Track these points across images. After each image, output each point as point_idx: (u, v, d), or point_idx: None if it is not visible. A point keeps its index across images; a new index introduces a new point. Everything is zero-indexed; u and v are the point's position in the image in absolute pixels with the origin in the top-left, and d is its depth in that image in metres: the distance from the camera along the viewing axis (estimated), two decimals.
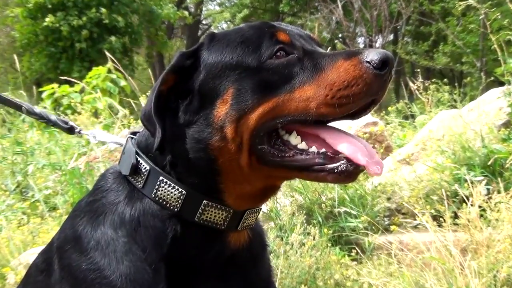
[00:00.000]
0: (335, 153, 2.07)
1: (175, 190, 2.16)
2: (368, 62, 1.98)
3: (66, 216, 6.22)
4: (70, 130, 3.12)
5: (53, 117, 3.16)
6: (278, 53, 2.12)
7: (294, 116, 2.05)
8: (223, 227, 2.21)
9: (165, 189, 2.17)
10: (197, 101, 2.17)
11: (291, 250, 4.87)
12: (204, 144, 2.12)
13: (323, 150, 2.08)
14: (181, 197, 2.16)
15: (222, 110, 2.10)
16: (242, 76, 2.11)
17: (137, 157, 2.27)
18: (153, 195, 2.18)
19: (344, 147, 2.06)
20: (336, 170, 2.04)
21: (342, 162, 2.04)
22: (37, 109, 3.24)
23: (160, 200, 2.17)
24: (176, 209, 2.16)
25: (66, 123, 3.14)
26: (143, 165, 2.24)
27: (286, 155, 2.11)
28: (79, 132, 3.11)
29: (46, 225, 6.13)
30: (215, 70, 2.16)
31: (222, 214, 2.19)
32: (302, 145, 2.11)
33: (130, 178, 2.27)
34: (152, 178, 2.21)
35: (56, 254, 2.30)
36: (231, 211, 2.20)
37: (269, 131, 2.11)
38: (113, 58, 10.38)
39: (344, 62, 2.03)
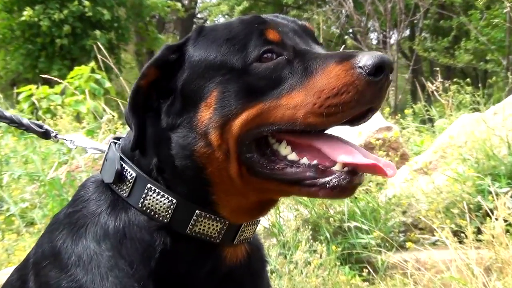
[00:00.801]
0: (328, 166, 2.06)
1: (164, 199, 2.17)
2: (360, 67, 1.96)
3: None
4: (45, 135, 3.10)
5: (25, 120, 3.14)
6: (266, 55, 2.10)
7: (280, 125, 2.05)
8: (217, 241, 2.21)
9: (154, 197, 2.18)
10: (179, 103, 2.18)
11: (295, 269, 4.88)
12: (190, 151, 2.13)
13: (315, 162, 2.07)
14: (171, 206, 2.16)
15: (206, 114, 2.11)
16: (226, 78, 2.11)
17: (122, 163, 2.27)
18: (140, 205, 2.18)
19: (343, 155, 2.05)
20: (327, 185, 2.03)
21: (334, 176, 2.03)
22: (7, 112, 3.22)
23: (148, 210, 2.17)
24: (165, 220, 2.16)
25: (41, 126, 3.12)
26: (129, 172, 2.24)
27: (276, 167, 2.11)
28: (55, 136, 3.09)
29: (23, 242, 6.13)
30: (198, 69, 2.17)
31: (217, 226, 2.19)
32: (292, 156, 2.11)
33: (114, 186, 2.27)
34: (139, 185, 2.21)
35: (32, 270, 2.29)
36: (227, 222, 2.20)
37: (256, 139, 2.11)
38: (104, 53, 10.41)
39: (336, 67, 2.01)
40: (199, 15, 50.39)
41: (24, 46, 30.00)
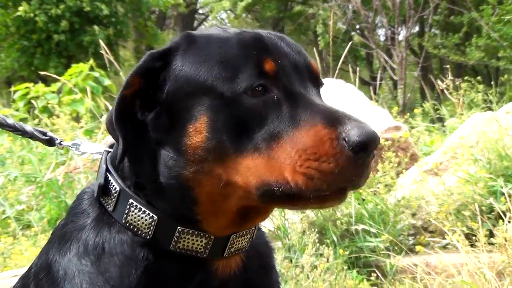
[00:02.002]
0: None
1: (145, 215, 2.16)
2: (345, 140, 1.91)
3: (42, 235, 6.25)
4: (50, 142, 3.08)
5: (28, 127, 3.12)
6: (257, 88, 2.04)
7: (274, 185, 1.99)
8: (204, 255, 2.19)
9: (136, 213, 2.17)
10: (165, 118, 2.14)
11: (301, 273, 4.89)
12: (177, 173, 2.11)
13: None
14: (153, 223, 2.15)
15: (197, 141, 2.05)
16: (215, 103, 2.05)
17: (108, 174, 2.27)
18: (124, 220, 2.18)
19: None
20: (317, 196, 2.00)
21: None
22: (10, 119, 3.22)
23: (131, 226, 2.17)
24: (148, 237, 2.16)
25: (45, 134, 3.10)
26: (113, 185, 2.24)
27: None
28: (60, 143, 3.06)
29: (19, 245, 6.15)
30: (187, 87, 2.12)
31: (202, 241, 2.17)
32: None
33: (101, 199, 2.28)
34: (122, 200, 2.21)
35: (33, 281, 2.34)
36: (212, 237, 2.18)
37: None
38: (105, 49, 10.42)
39: (322, 130, 1.96)
40: (200, 11, 50.37)
41: (19, 43, 29.88)
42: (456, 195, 6.25)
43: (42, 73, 12.94)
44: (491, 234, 5.21)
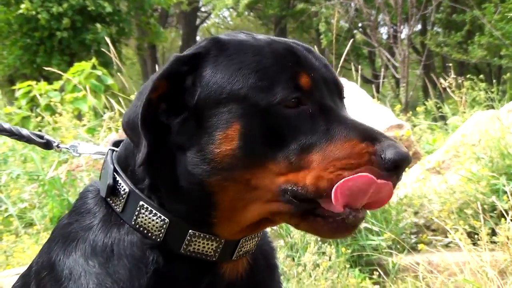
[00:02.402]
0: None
1: (157, 218, 2.14)
2: (381, 157, 1.95)
3: (44, 233, 6.25)
4: (47, 145, 3.06)
5: (25, 131, 3.08)
6: (293, 100, 2.05)
7: (301, 189, 2.01)
8: (214, 259, 2.19)
9: (146, 216, 2.15)
10: (193, 123, 2.12)
11: (303, 272, 4.89)
12: (199, 179, 2.09)
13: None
14: (164, 226, 2.14)
15: (227, 149, 2.05)
16: (248, 112, 2.05)
17: (116, 175, 2.25)
18: (133, 222, 2.17)
19: None
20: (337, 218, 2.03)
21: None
22: (6, 124, 3.15)
23: (141, 228, 2.16)
24: (158, 239, 2.14)
25: (41, 137, 3.07)
26: (122, 186, 2.22)
27: None
28: (57, 146, 3.03)
29: (22, 243, 6.16)
30: (219, 94, 2.09)
31: (212, 245, 2.16)
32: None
33: (109, 200, 2.26)
34: (132, 202, 2.19)
35: (33, 280, 2.33)
36: (223, 241, 2.18)
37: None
38: (110, 47, 10.41)
39: (359, 144, 1.99)
40: (202, 9, 50.38)
41: (21, 40, 29.85)
42: (459, 194, 6.25)
43: (46, 69, 12.91)
44: (493, 233, 5.21)
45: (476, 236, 5.08)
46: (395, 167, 1.95)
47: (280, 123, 2.03)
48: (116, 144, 2.44)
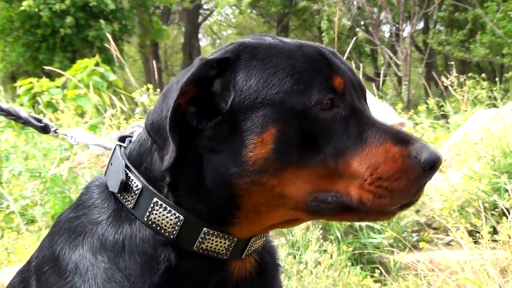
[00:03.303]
0: None
1: (171, 215, 2.14)
2: (417, 158, 2.00)
3: (45, 230, 6.25)
4: (44, 129, 3.06)
5: (23, 113, 3.09)
6: (326, 102, 2.07)
7: (335, 195, 2.06)
8: (225, 257, 2.19)
9: (160, 213, 2.14)
10: (226, 128, 2.10)
11: (305, 270, 4.89)
12: (228, 181, 2.09)
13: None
14: (178, 223, 2.13)
15: (260, 152, 2.05)
16: (284, 116, 2.05)
17: (127, 171, 2.24)
18: (146, 218, 2.16)
19: None
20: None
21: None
22: (4, 104, 3.16)
23: (154, 225, 2.15)
24: (171, 236, 2.14)
25: (40, 120, 3.08)
26: (134, 182, 2.20)
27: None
28: (55, 131, 3.04)
29: (23, 240, 6.15)
30: (255, 99, 2.09)
31: (225, 243, 2.17)
32: None
33: (119, 195, 2.24)
34: (145, 198, 2.18)
35: (34, 275, 2.31)
36: (235, 239, 2.18)
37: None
38: (112, 44, 10.40)
39: (393, 147, 2.04)
40: (205, 6, 50.38)
41: (24, 37, 29.88)
42: (460, 192, 6.25)
43: (47, 68, 12.90)
44: (494, 231, 5.20)
45: (477, 235, 5.08)
46: (430, 168, 2.01)
47: (315, 126, 2.05)
48: (122, 139, 2.43)
